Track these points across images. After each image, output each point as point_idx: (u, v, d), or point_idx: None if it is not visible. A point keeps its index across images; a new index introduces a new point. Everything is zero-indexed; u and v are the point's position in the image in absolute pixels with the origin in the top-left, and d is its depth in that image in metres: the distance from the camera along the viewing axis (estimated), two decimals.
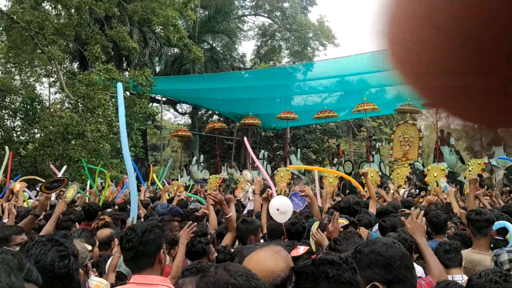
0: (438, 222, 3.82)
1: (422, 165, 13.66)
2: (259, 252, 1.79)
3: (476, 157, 13.84)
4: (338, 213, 3.36)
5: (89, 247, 2.95)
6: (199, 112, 27.38)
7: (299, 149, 17.25)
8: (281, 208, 4.39)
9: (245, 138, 9.92)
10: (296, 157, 15.95)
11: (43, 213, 4.24)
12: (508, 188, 9.73)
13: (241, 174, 16.06)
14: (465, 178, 11.37)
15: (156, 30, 19.72)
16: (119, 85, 5.01)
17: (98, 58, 13.78)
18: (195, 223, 3.36)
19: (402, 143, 13.51)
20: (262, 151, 16.90)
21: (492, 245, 3.57)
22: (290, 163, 15.78)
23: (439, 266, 2.42)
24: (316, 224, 3.19)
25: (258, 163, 9.30)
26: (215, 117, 26.72)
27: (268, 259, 1.72)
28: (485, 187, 9.16)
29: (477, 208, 3.76)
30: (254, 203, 5.53)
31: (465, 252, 3.14)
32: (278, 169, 15.87)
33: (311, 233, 3.13)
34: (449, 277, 2.93)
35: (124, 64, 20.91)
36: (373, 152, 14.77)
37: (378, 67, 15.63)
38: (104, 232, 4.00)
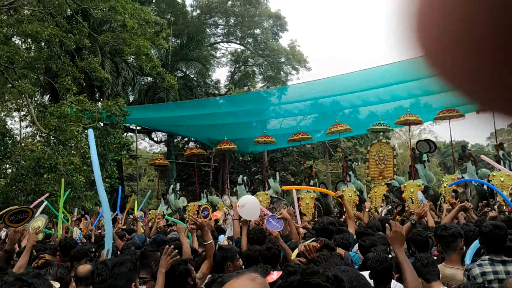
0: (421, 240, 3.83)
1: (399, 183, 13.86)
2: (236, 280, 1.76)
3: (449, 173, 14.14)
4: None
5: (57, 285, 2.82)
6: (175, 140, 27.21)
7: (277, 172, 17.27)
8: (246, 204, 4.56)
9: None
10: (274, 180, 15.94)
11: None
12: (484, 201, 9.94)
13: (221, 199, 15.95)
14: (441, 194, 11.57)
15: (129, 60, 19.69)
16: (90, 132, 4.96)
17: (69, 89, 13.61)
18: (176, 250, 3.28)
19: (378, 162, 13.71)
20: (241, 175, 16.84)
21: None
22: (269, 187, 15.76)
23: (416, 280, 2.41)
24: (295, 253, 3.15)
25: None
26: (191, 144, 26.61)
27: (245, 287, 1.69)
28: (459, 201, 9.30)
29: (443, 223, 3.80)
30: (233, 229, 5.45)
31: (439, 267, 3.15)
32: (257, 193, 15.82)
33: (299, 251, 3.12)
34: None
35: (97, 95, 20.72)
36: (350, 172, 14.92)
37: (351, 88, 16.06)
38: (85, 268, 3.87)
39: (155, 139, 30.19)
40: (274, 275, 2.26)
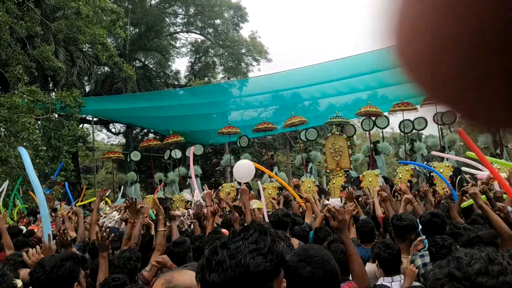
0: (364, 231, 3.97)
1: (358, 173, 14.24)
2: (181, 271, 1.79)
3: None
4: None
5: (19, 283, 2.73)
6: (134, 131, 26.63)
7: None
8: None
9: (192, 148, 9.68)
10: None
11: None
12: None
13: (180, 193, 15.73)
14: (394, 184, 11.95)
15: (84, 49, 19.02)
16: (22, 151, 4.78)
17: (21, 79, 13.00)
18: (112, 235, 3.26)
19: (333, 154, 13.98)
20: (196, 166, 16.58)
21: None
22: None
23: (363, 271, 2.46)
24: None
25: (194, 179, 9.18)
26: (151, 135, 26.12)
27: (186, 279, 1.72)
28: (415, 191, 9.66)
29: (400, 213, 3.94)
30: (208, 224, 5.16)
31: None
32: (223, 184, 15.75)
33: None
34: (389, 279, 3.03)
35: (51, 85, 19.91)
36: (310, 164, 15.13)
37: (310, 81, 16.27)
38: (25, 273, 3.76)
39: (113, 130, 29.43)
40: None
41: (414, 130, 13.99)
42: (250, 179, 5.69)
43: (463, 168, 9.63)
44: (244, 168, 5.73)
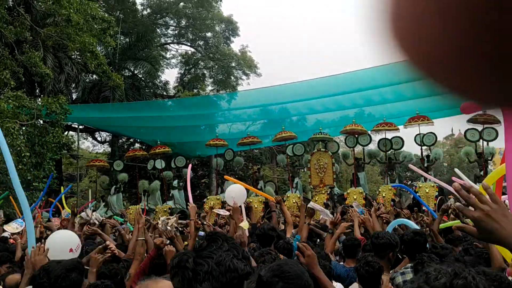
0: (349, 244, 3.99)
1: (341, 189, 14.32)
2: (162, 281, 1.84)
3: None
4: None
5: None
6: (120, 140, 26.41)
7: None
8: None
9: (190, 166, 9.67)
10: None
11: None
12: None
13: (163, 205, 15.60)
14: (378, 203, 11.97)
15: (73, 56, 18.92)
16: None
17: (7, 84, 12.85)
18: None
19: (318, 170, 14.05)
20: (176, 180, 16.47)
21: None
22: (221, 191, 15.58)
23: None
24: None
25: (190, 194, 9.11)
26: (137, 145, 25.93)
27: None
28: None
29: (378, 232, 3.97)
30: (190, 237, 5.13)
31: None
32: (209, 197, 15.68)
33: None
34: None
35: (37, 91, 19.71)
36: (296, 179, 15.17)
37: (298, 96, 16.39)
38: (13, 278, 3.69)
39: (99, 139, 29.15)
40: None
41: (391, 150, 14.21)
42: (242, 202, 5.70)
43: (447, 187, 9.71)
44: (236, 193, 5.68)
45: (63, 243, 3.45)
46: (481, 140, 12.90)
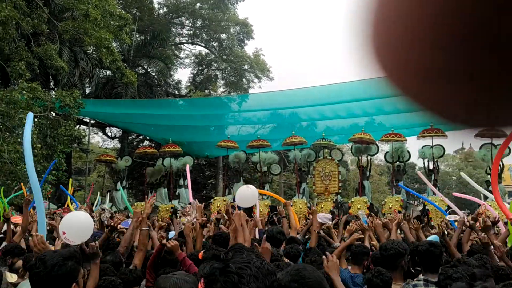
0: (357, 251, 3.98)
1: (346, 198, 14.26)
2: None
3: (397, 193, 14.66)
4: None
5: (14, 278, 2.74)
6: (129, 137, 26.57)
7: (241, 177, 17.11)
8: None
9: (187, 166, 9.75)
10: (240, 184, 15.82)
11: None
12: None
13: (170, 203, 15.64)
14: (384, 214, 11.89)
15: (88, 51, 19.11)
16: (30, 115, 4.80)
17: (22, 75, 13.01)
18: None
19: (323, 178, 14.01)
20: (182, 178, 16.52)
21: None
22: (229, 192, 15.62)
23: None
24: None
25: (190, 193, 9.17)
26: (146, 142, 26.07)
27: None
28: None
29: (385, 243, 3.94)
30: (196, 236, 5.11)
31: None
32: (215, 197, 15.69)
33: None
34: None
35: (52, 83, 19.93)
36: (303, 184, 15.12)
37: (309, 102, 16.38)
38: (19, 263, 3.76)
39: (109, 134, 29.37)
40: None
41: (398, 161, 14.14)
42: (251, 205, 5.70)
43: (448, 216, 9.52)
44: (248, 196, 5.56)
45: (79, 226, 3.50)
46: (492, 155, 12.77)
